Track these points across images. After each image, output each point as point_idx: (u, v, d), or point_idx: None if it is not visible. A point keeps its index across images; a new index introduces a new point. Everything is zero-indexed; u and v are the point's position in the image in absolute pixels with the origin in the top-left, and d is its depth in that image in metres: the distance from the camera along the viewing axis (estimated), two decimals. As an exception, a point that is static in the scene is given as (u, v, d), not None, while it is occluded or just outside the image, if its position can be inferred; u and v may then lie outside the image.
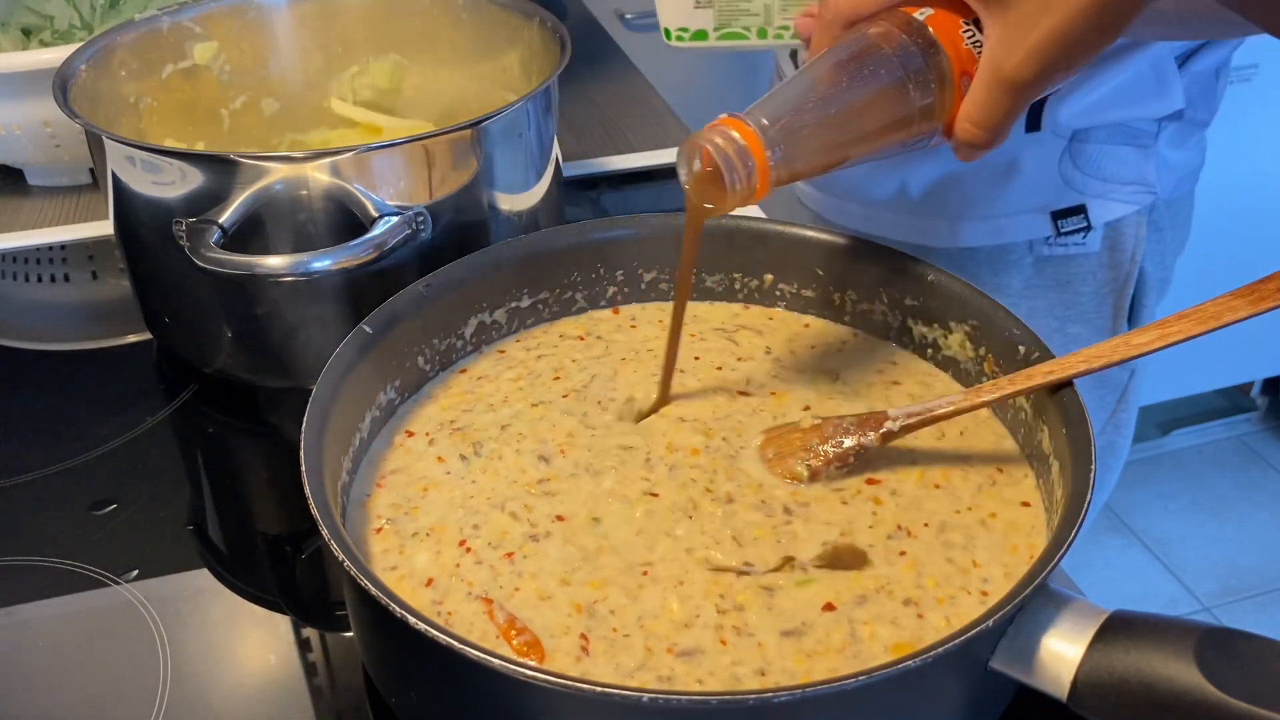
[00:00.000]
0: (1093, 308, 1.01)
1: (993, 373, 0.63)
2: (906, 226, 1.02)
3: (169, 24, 0.87)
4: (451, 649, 0.44)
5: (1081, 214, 0.96)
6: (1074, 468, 0.53)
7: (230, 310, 0.75)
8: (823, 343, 0.70)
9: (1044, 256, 0.98)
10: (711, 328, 0.71)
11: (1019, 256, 0.99)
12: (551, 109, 0.80)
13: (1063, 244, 0.97)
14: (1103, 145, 0.95)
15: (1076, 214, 0.96)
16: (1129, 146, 0.95)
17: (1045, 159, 0.95)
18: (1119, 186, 0.96)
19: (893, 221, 1.03)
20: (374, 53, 0.94)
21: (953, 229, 0.99)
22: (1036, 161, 0.95)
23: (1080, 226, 0.96)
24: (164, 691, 0.59)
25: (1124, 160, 0.95)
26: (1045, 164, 0.95)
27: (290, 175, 0.68)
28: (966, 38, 0.56)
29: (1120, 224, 0.98)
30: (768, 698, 0.43)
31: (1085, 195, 0.96)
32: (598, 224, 0.72)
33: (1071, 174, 0.95)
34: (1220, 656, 0.44)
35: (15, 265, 0.97)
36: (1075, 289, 1.00)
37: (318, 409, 0.56)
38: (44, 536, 0.69)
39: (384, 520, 0.58)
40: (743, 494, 0.58)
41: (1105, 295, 1.01)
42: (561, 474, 0.60)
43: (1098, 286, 1.00)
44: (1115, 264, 0.99)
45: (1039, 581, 0.47)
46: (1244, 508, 2.25)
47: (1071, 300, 1.01)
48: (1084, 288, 1.00)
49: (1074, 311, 1.01)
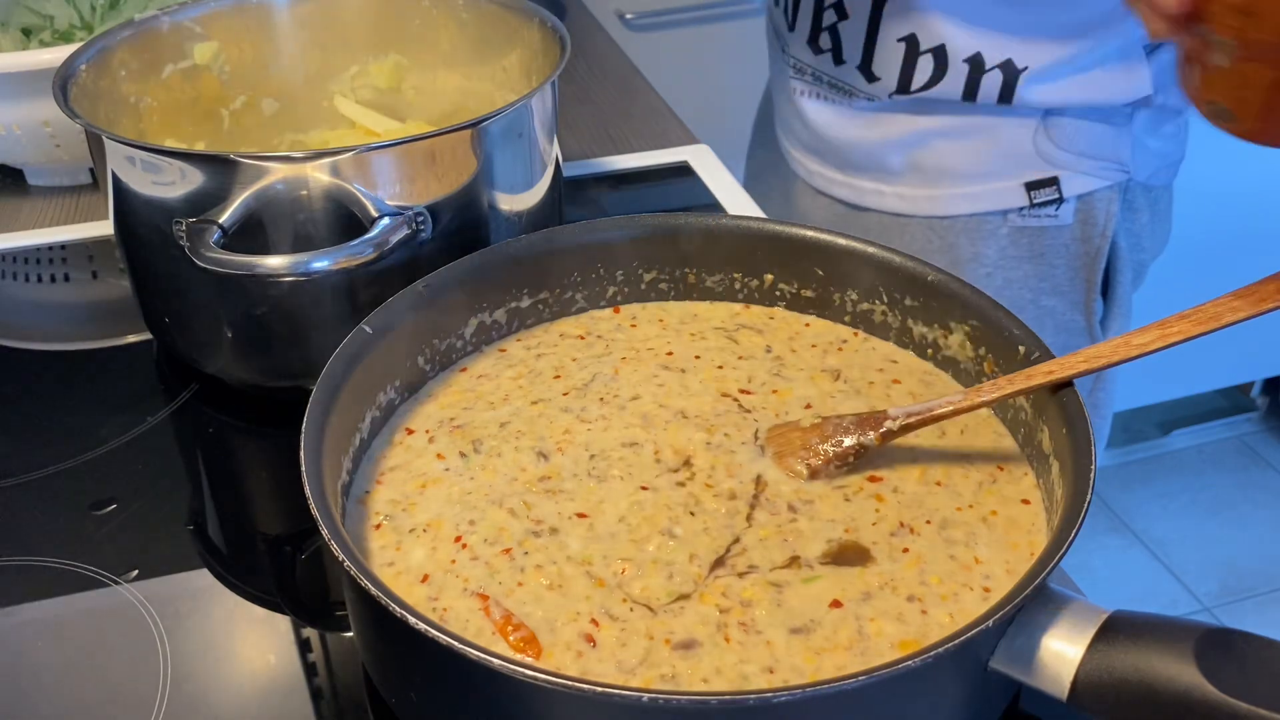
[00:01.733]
0: (1066, 281, 1.04)
1: (993, 373, 0.63)
2: (888, 196, 1.05)
3: (169, 24, 0.87)
4: (451, 649, 0.44)
5: (1054, 185, 0.99)
6: (1074, 467, 0.53)
7: (230, 310, 0.75)
8: (823, 342, 0.70)
9: (1018, 227, 1.01)
10: (712, 326, 0.72)
11: (995, 226, 1.02)
12: (551, 109, 0.80)
13: (1035, 215, 1.01)
14: (1076, 120, 0.98)
15: (1049, 185, 0.99)
16: (1103, 124, 0.98)
17: (1020, 130, 0.98)
18: (1091, 161, 0.99)
19: (873, 191, 1.06)
20: (374, 53, 0.94)
21: (931, 198, 1.03)
22: (1011, 133, 0.98)
23: (1052, 198, 1.00)
24: (164, 691, 0.59)
25: (1098, 136, 0.98)
26: (1020, 135, 0.98)
27: (290, 175, 0.68)
28: None
29: (1092, 197, 1.00)
30: (768, 698, 0.43)
31: (1057, 167, 0.99)
32: (598, 224, 0.72)
33: (1045, 146, 0.98)
34: (1220, 656, 0.44)
35: (15, 265, 0.97)
36: (1049, 261, 1.03)
37: (318, 409, 0.56)
38: (44, 536, 0.69)
39: (382, 516, 0.58)
40: (745, 491, 0.59)
41: (1078, 269, 1.03)
42: (562, 472, 0.60)
43: (1070, 259, 1.03)
44: (1087, 237, 1.02)
45: (1039, 582, 0.47)
46: (1244, 508, 2.25)
47: (1046, 273, 1.03)
48: (1057, 260, 1.03)
49: (1048, 284, 1.04)
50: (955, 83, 0.96)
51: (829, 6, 1.01)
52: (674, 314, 0.73)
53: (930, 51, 0.95)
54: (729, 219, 0.74)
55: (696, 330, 0.71)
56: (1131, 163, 1.00)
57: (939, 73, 0.96)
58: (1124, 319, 1.06)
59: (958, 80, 0.96)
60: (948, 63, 0.95)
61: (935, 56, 0.95)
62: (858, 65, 1.00)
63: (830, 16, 1.01)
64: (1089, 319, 1.05)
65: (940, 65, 0.95)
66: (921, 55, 0.96)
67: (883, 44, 0.98)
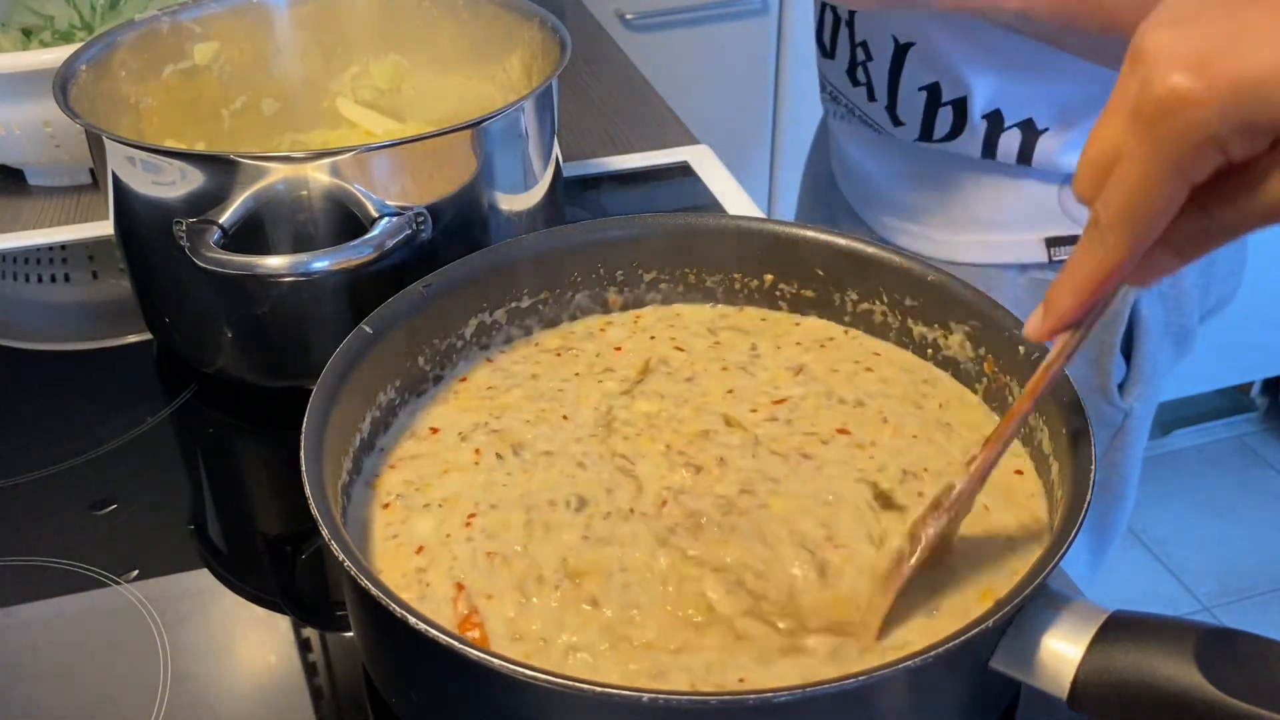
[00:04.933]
0: None
1: (992, 373, 0.63)
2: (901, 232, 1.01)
3: (169, 24, 0.87)
4: (452, 649, 0.44)
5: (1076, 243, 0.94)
6: (1074, 468, 0.53)
7: (230, 310, 0.75)
8: (823, 341, 0.70)
9: (1036, 279, 0.96)
10: (711, 327, 0.71)
11: (1012, 276, 0.97)
12: (551, 109, 0.80)
13: (1055, 269, 0.95)
14: None
15: (1070, 243, 0.94)
16: None
17: (1044, 187, 0.93)
18: None
19: (887, 227, 1.02)
20: (374, 53, 0.94)
21: (950, 245, 0.98)
22: (1036, 189, 0.93)
23: None
24: (164, 691, 0.59)
25: None
26: (1044, 192, 0.93)
27: (290, 175, 0.68)
28: None
29: None
30: (768, 698, 0.43)
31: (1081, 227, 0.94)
32: (598, 224, 0.72)
33: (1070, 205, 0.93)
34: (1220, 656, 0.44)
35: (15, 265, 0.97)
36: None
37: (318, 409, 0.56)
38: (44, 536, 0.69)
39: (394, 496, 0.59)
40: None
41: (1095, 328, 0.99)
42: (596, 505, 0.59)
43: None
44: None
45: (1039, 581, 0.47)
46: (1244, 508, 2.25)
47: None
48: None
49: None
50: (974, 137, 0.92)
51: (858, 44, 0.97)
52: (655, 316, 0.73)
53: (951, 104, 0.92)
54: (729, 219, 0.74)
55: (697, 330, 0.71)
56: None
57: (958, 126, 0.92)
58: (1146, 385, 0.98)
59: (976, 135, 0.92)
60: (967, 116, 0.91)
61: (955, 110, 0.91)
62: (885, 106, 0.97)
63: (860, 54, 0.98)
64: (1103, 379, 0.97)
65: (960, 118, 0.92)
66: (942, 107, 0.92)
67: (905, 90, 0.94)
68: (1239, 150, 0.40)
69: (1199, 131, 0.39)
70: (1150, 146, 0.40)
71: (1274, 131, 0.39)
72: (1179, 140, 0.39)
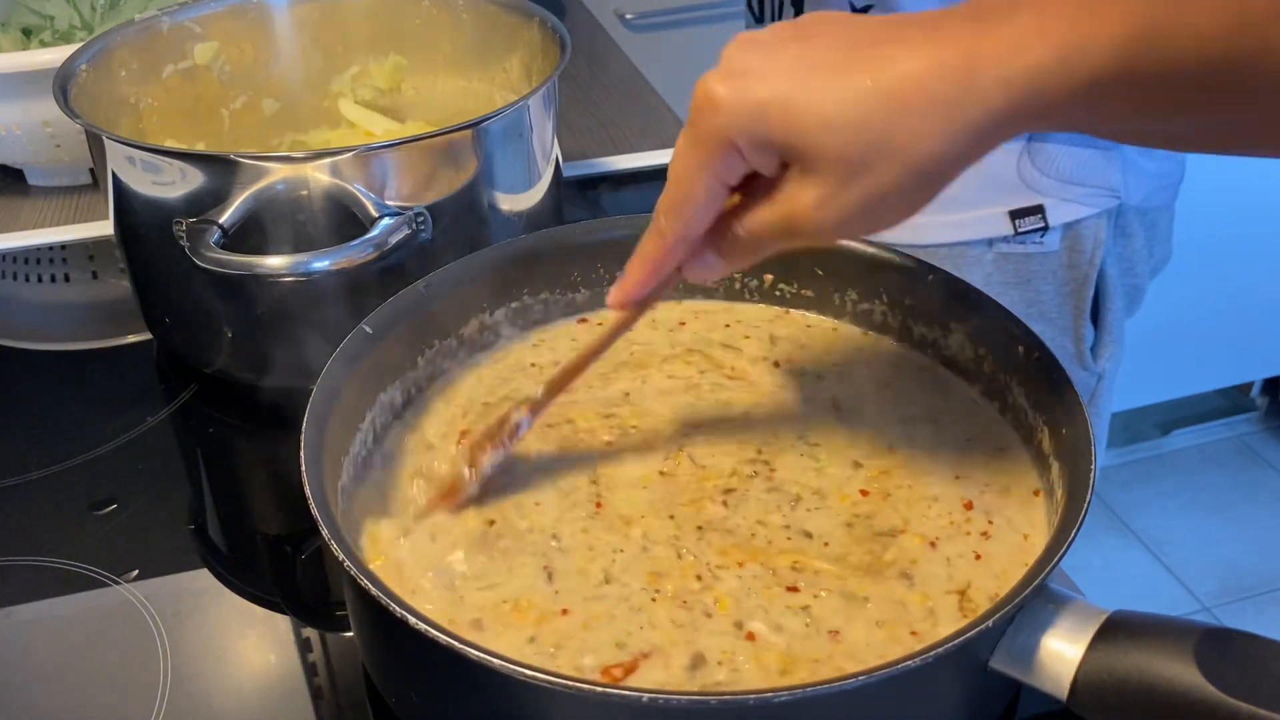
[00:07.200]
0: (1054, 306, 1.01)
1: (992, 372, 0.63)
2: None
3: (169, 24, 0.87)
4: (452, 649, 0.44)
5: (1039, 214, 0.96)
6: (1074, 468, 0.53)
7: (230, 310, 0.75)
8: (823, 341, 0.70)
9: (1004, 254, 0.98)
10: (711, 326, 0.71)
11: (979, 253, 0.99)
12: (551, 109, 0.80)
13: (1021, 242, 0.98)
14: (1062, 146, 0.95)
15: (1034, 214, 0.96)
16: (1090, 149, 0.95)
17: (1003, 158, 0.95)
18: (1078, 188, 0.96)
19: None
20: (374, 53, 0.94)
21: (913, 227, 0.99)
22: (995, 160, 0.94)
23: (1037, 226, 0.96)
24: (164, 691, 0.59)
25: (1086, 162, 0.95)
26: (1004, 163, 0.95)
27: (290, 175, 0.68)
28: None
29: (1079, 225, 0.97)
30: (768, 698, 0.43)
31: (1042, 195, 0.96)
32: (598, 224, 0.72)
33: (1030, 174, 0.95)
34: (1220, 656, 0.44)
35: (15, 265, 0.97)
36: (1036, 286, 1.00)
37: (317, 409, 0.56)
38: (44, 536, 0.69)
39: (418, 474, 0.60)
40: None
41: (1065, 295, 1.01)
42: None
43: (1058, 285, 1.00)
44: (1074, 264, 0.99)
45: (1039, 581, 0.47)
46: (1244, 508, 2.24)
47: (1033, 298, 1.00)
48: (1044, 286, 1.00)
49: (1035, 309, 1.00)
50: None
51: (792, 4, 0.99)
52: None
53: None
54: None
55: (697, 330, 0.71)
56: (1123, 187, 0.97)
57: None
58: (1115, 345, 1.03)
59: None
60: None
61: None
62: None
63: (789, 13, 0.99)
64: (1078, 345, 1.02)
65: None
66: None
67: None
68: (757, 161, 0.46)
69: (722, 134, 0.45)
70: (688, 142, 0.47)
71: (777, 150, 0.45)
72: (707, 140, 0.46)
